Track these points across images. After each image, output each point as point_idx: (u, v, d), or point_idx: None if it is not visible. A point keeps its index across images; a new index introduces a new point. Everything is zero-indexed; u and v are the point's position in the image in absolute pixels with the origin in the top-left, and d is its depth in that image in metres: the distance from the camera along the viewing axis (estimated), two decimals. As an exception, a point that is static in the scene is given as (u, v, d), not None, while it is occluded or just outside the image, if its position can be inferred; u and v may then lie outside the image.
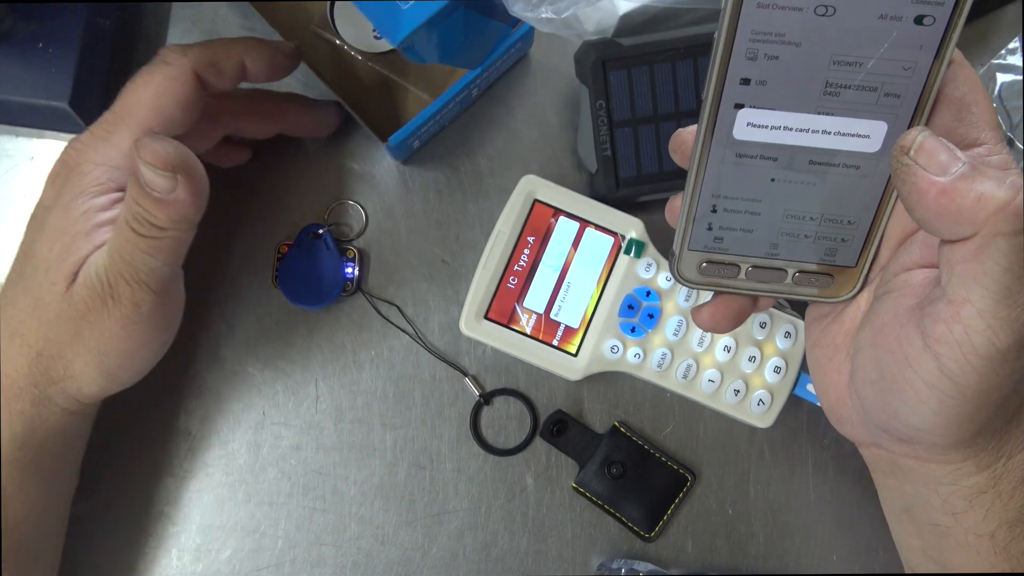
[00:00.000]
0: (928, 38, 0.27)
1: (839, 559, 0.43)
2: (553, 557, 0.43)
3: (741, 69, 0.28)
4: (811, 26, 0.26)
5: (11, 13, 0.41)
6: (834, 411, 0.34)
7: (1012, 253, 0.25)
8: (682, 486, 0.43)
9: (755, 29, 0.27)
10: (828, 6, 0.26)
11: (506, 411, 0.44)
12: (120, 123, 0.34)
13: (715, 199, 0.31)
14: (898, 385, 0.29)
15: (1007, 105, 0.45)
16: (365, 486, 0.43)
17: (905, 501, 0.34)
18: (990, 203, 0.25)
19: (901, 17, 0.26)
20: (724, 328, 0.33)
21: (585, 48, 0.41)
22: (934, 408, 0.28)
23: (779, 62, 0.27)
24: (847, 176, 0.30)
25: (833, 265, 0.32)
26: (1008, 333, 0.26)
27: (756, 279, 0.32)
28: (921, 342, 0.28)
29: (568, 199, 0.42)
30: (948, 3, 0.26)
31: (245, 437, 0.43)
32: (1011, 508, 0.31)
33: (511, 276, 0.42)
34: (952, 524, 0.31)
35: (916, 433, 0.30)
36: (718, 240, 0.32)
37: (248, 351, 0.44)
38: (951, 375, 0.27)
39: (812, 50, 0.27)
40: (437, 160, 0.45)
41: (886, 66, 0.27)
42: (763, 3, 0.26)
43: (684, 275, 0.32)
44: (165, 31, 0.46)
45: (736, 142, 0.29)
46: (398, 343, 0.44)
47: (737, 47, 0.27)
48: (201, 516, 0.42)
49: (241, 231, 0.44)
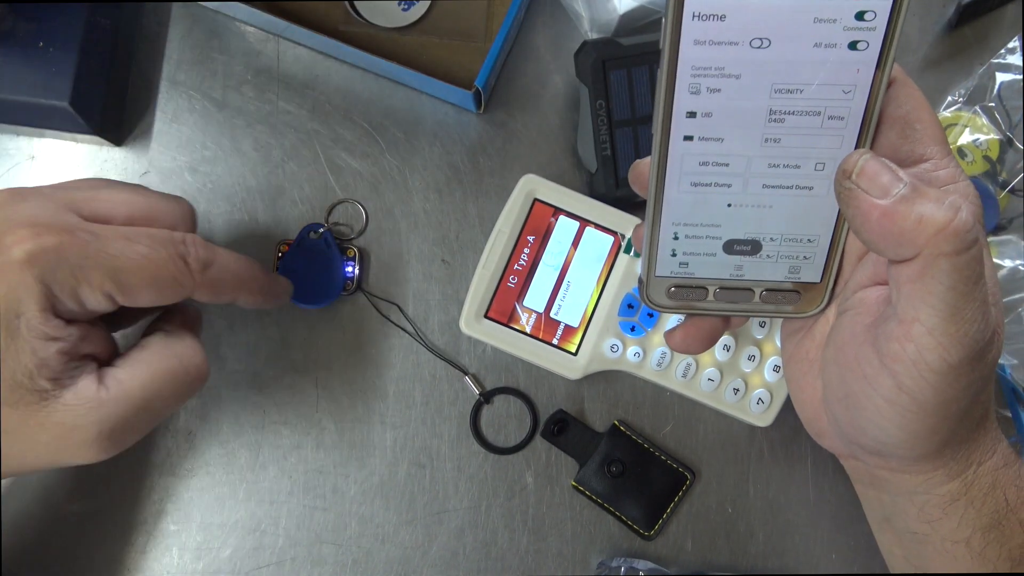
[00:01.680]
0: (864, 61, 0.27)
1: (839, 558, 0.43)
2: (553, 555, 0.43)
3: (686, 103, 0.28)
4: (748, 58, 0.27)
5: (11, 13, 0.41)
6: (812, 425, 0.35)
7: (955, 272, 0.25)
8: (682, 485, 0.43)
9: (695, 64, 0.27)
10: (763, 38, 0.27)
11: (506, 410, 0.44)
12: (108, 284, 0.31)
13: (675, 227, 0.31)
14: (861, 402, 0.29)
15: (1007, 105, 0.45)
16: (365, 485, 0.43)
17: (884, 511, 0.35)
18: (930, 225, 0.25)
19: (835, 44, 0.27)
20: (696, 350, 0.34)
21: (585, 48, 0.42)
22: (897, 423, 0.28)
23: (721, 94, 0.28)
24: (801, 196, 0.30)
25: (798, 282, 0.32)
26: (959, 348, 0.26)
27: (724, 300, 0.33)
28: (878, 360, 0.28)
29: (568, 198, 0.42)
30: (880, 28, 0.26)
31: (246, 436, 0.43)
32: (984, 514, 0.31)
33: (511, 275, 0.42)
34: (929, 532, 0.32)
35: (884, 447, 0.30)
36: (683, 265, 0.32)
37: (248, 351, 0.44)
38: (908, 392, 0.27)
39: (752, 81, 0.28)
40: (437, 160, 0.45)
41: (827, 90, 0.28)
42: (699, 39, 0.27)
43: (654, 300, 0.33)
44: (165, 31, 0.46)
45: (689, 172, 0.30)
46: (398, 342, 0.44)
47: (680, 82, 0.28)
48: (202, 514, 0.42)
49: (241, 231, 0.44)
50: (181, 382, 0.34)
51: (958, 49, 0.47)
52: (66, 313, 0.31)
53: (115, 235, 0.31)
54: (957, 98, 0.45)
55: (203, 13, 0.46)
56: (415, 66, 0.42)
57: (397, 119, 0.45)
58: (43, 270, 0.30)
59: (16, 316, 0.29)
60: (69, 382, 0.31)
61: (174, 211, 0.35)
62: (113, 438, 0.32)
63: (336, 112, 0.45)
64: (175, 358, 0.34)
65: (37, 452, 0.31)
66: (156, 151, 0.45)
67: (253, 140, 0.45)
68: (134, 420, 0.33)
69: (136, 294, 0.32)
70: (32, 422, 0.30)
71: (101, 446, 0.32)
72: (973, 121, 0.45)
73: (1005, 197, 0.44)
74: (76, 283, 0.30)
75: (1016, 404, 0.43)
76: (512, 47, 0.46)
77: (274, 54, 0.46)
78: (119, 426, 0.32)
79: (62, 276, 0.30)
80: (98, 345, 0.33)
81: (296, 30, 0.43)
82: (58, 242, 0.30)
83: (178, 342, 0.35)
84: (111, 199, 0.33)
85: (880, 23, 0.26)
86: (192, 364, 0.34)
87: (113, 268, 0.31)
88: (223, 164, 0.45)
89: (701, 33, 0.27)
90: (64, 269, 0.30)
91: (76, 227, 0.31)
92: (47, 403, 0.31)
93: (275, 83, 0.46)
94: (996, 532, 0.31)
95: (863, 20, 0.26)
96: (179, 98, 0.45)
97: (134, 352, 0.34)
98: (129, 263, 0.31)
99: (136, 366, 0.33)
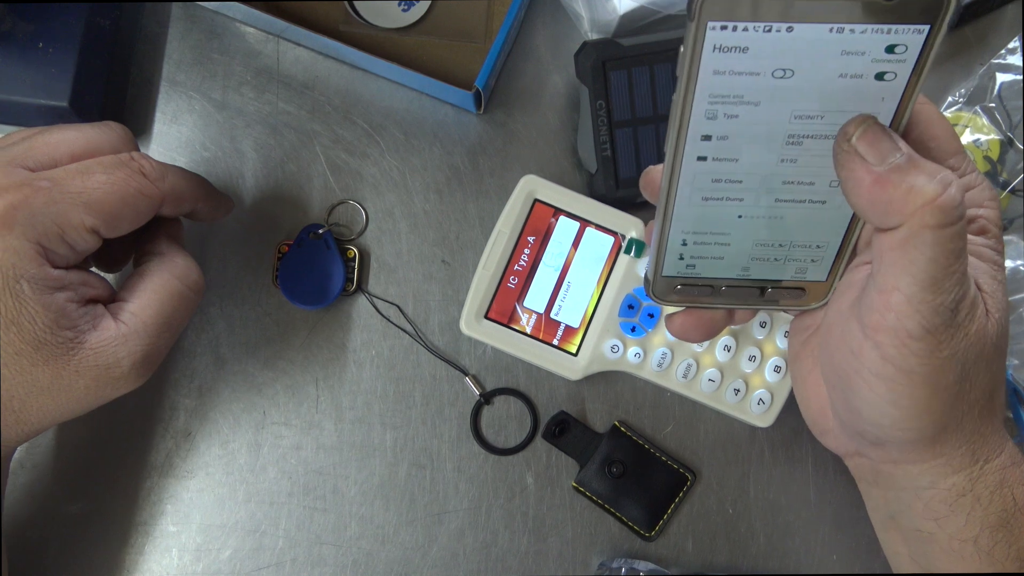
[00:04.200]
0: (890, 91, 0.27)
1: (839, 559, 0.43)
2: (553, 556, 0.43)
3: (701, 127, 0.28)
4: (769, 87, 0.26)
5: (11, 13, 0.41)
6: (816, 424, 0.35)
7: (937, 245, 0.25)
8: (682, 485, 0.43)
9: (713, 93, 0.27)
10: (786, 69, 0.26)
11: (506, 411, 0.44)
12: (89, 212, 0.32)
13: (685, 234, 0.31)
14: (851, 380, 0.30)
15: (1007, 105, 0.45)
16: (365, 486, 0.43)
17: (889, 508, 0.34)
18: (918, 196, 0.25)
19: (862, 75, 0.26)
20: (695, 338, 0.34)
21: (585, 48, 0.41)
22: (887, 399, 0.29)
23: (739, 119, 0.27)
24: (814, 210, 0.30)
25: (805, 280, 0.32)
26: (937, 315, 0.26)
27: (730, 297, 0.33)
28: (861, 333, 0.28)
29: (568, 199, 0.42)
30: (910, 60, 0.26)
31: (245, 437, 0.43)
32: (991, 513, 0.31)
33: (511, 276, 0.42)
34: (936, 530, 0.32)
35: (880, 429, 0.30)
36: (690, 267, 0.32)
37: (248, 351, 0.44)
38: (893, 361, 0.28)
39: (772, 108, 0.27)
40: (437, 160, 0.45)
41: (848, 116, 0.27)
42: (719, 70, 0.26)
43: (660, 295, 0.33)
44: (165, 32, 0.46)
45: (701, 188, 0.30)
46: (398, 343, 0.44)
47: (696, 108, 0.27)
48: (202, 516, 0.42)
49: (241, 231, 0.44)
50: (186, 298, 0.36)
51: (958, 49, 0.47)
52: (61, 260, 0.32)
53: (70, 174, 0.32)
54: (957, 98, 0.45)
55: (203, 14, 0.46)
56: (415, 67, 0.42)
57: (397, 119, 0.45)
58: (23, 228, 0.30)
59: (16, 280, 0.30)
60: (87, 326, 0.32)
61: (111, 137, 0.35)
62: (146, 364, 0.34)
63: (336, 113, 0.45)
64: (176, 280, 0.36)
65: (79, 398, 0.33)
66: (156, 152, 0.45)
67: (253, 141, 0.45)
68: (157, 343, 0.35)
69: (116, 221, 0.33)
70: (66, 373, 0.32)
71: (137, 374, 0.34)
72: (973, 121, 0.45)
73: (1006, 198, 0.44)
74: (60, 229, 0.31)
75: (1018, 404, 0.43)
76: (512, 47, 0.46)
77: (274, 55, 0.46)
78: (147, 353, 0.34)
79: (43, 227, 0.31)
80: (98, 288, 0.34)
81: (296, 31, 0.43)
82: (22, 197, 0.31)
83: (173, 263, 0.36)
84: (48, 143, 0.34)
85: (911, 56, 0.26)
86: (191, 280, 0.36)
87: (85, 204, 0.32)
88: (223, 165, 0.45)
89: (722, 64, 0.26)
90: (43, 220, 0.31)
91: (31, 179, 0.31)
92: (75, 351, 0.32)
93: (275, 84, 0.45)
94: (1004, 531, 0.31)
95: (893, 53, 0.26)
96: (179, 99, 0.45)
97: (136, 282, 0.35)
98: (96, 194, 0.32)
99: (143, 296, 0.35)
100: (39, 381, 0.32)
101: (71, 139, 0.34)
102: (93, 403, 0.34)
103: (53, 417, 0.33)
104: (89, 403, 0.34)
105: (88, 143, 0.34)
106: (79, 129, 0.35)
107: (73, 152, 0.34)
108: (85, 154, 0.34)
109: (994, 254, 0.30)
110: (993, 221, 0.30)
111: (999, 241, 0.30)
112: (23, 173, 0.32)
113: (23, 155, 0.33)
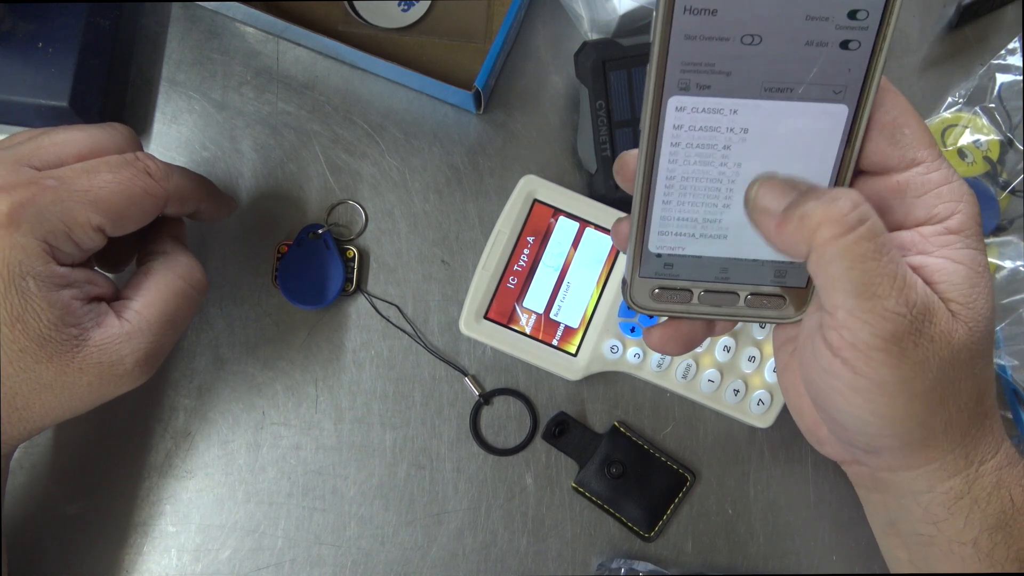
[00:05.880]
0: (855, 61, 0.27)
1: (839, 559, 0.43)
2: (553, 557, 0.43)
3: (678, 102, 0.28)
4: (739, 55, 0.27)
5: (11, 13, 0.41)
6: (812, 434, 0.35)
7: (845, 254, 0.26)
8: (682, 486, 0.43)
9: (684, 60, 0.27)
10: (754, 35, 0.27)
11: (506, 411, 0.44)
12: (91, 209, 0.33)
13: (663, 225, 0.31)
14: (831, 397, 0.30)
15: (1007, 106, 0.45)
16: (365, 486, 0.43)
17: (889, 514, 0.34)
18: (810, 219, 0.26)
19: (827, 43, 0.27)
20: (674, 351, 0.34)
21: (585, 48, 0.41)
22: (867, 410, 0.29)
23: (711, 91, 0.28)
24: None
25: (784, 286, 0.32)
26: (886, 320, 0.27)
27: (709, 303, 0.32)
28: (829, 352, 0.28)
29: (568, 199, 0.42)
30: (872, 28, 0.26)
31: (245, 437, 0.43)
32: (990, 514, 0.31)
33: (511, 276, 0.42)
34: (935, 533, 0.32)
35: (869, 438, 0.30)
36: (668, 267, 0.32)
37: (247, 351, 0.44)
38: (864, 374, 0.28)
39: (743, 78, 0.27)
40: (437, 160, 0.45)
41: (817, 91, 0.28)
42: (690, 34, 0.27)
43: (637, 302, 0.32)
44: (165, 32, 0.46)
45: (680, 171, 0.29)
46: (398, 343, 0.44)
47: (669, 78, 0.28)
48: (201, 516, 0.42)
49: (241, 231, 0.44)
50: (189, 297, 0.36)
51: (958, 49, 0.47)
52: (66, 258, 0.32)
53: (77, 173, 0.33)
54: (957, 99, 0.45)
55: (202, 14, 0.46)
56: (415, 67, 0.42)
57: (397, 119, 0.45)
58: (31, 225, 0.31)
59: (22, 277, 0.30)
60: (92, 324, 0.33)
61: (116, 137, 0.36)
62: (148, 362, 0.34)
63: (336, 113, 0.45)
64: (179, 279, 0.36)
65: (82, 395, 0.33)
66: (155, 152, 0.45)
67: (253, 141, 0.45)
68: (160, 341, 0.35)
69: (122, 219, 0.33)
70: (70, 370, 0.32)
71: (140, 371, 0.34)
72: (973, 122, 0.45)
73: (1006, 198, 0.44)
74: (66, 227, 0.32)
75: (1017, 404, 0.43)
76: (512, 47, 0.46)
77: (274, 55, 0.46)
78: (150, 351, 0.34)
79: (50, 224, 0.31)
80: (103, 286, 0.34)
81: (296, 31, 0.43)
82: (30, 195, 0.31)
83: (176, 262, 0.36)
84: (55, 143, 0.34)
85: (872, 23, 0.26)
86: (194, 279, 0.37)
87: (91, 202, 0.32)
88: (222, 165, 0.45)
89: (692, 28, 0.26)
90: (49, 218, 0.31)
91: (37, 178, 0.32)
92: (79, 348, 0.32)
93: (275, 84, 0.45)
94: (1003, 533, 0.31)
95: (855, 19, 0.26)
96: (178, 99, 0.45)
97: (140, 281, 0.36)
98: (102, 192, 0.32)
99: (147, 294, 0.35)
100: (43, 378, 0.32)
101: (77, 139, 0.34)
102: (96, 400, 0.34)
103: (56, 414, 0.33)
104: (92, 400, 0.34)
105: (94, 143, 0.35)
106: (85, 129, 0.35)
107: (79, 152, 0.34)
108: (91, 154, 0.34)
109: (971, 252, 0.29)
110: (970, 216, 0.29)
111: (978, 239, 0.29)
112: (30, 172, 0.32)
113: (30, 154, 0.33)
